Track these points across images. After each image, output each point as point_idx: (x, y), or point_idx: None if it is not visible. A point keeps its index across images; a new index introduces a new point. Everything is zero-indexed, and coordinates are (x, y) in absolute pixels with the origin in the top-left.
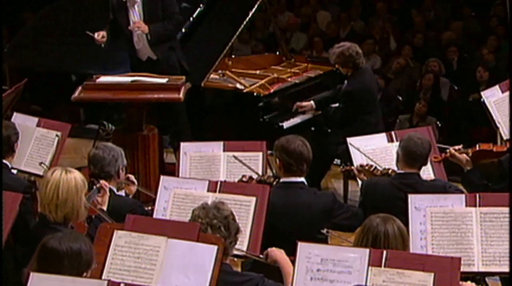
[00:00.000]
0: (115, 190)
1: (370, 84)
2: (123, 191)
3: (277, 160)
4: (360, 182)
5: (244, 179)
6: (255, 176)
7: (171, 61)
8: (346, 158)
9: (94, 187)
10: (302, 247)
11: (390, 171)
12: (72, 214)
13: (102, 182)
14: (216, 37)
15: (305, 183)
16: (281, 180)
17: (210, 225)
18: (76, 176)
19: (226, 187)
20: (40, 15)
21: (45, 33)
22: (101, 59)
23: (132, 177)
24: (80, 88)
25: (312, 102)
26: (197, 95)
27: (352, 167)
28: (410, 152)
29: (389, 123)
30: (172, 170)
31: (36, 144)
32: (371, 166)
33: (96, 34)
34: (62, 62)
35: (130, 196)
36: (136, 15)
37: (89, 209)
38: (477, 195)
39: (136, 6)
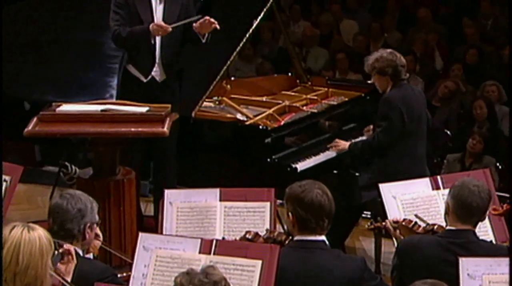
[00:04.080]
0: (80, 252)
1: (410, 100)
2: (91, 254)
3: (290, 214)
4: (396, 241)
5: (248, 236)
6: (261, 232)
7: (173, 86)
8: (378, 209)
9: (56, 252)
10: None
11: (435, 227)
12: (35, 284)
13: (67, 246)
14: (211, 54)
15: (326, 242)
16: (295, 238)
17: None
18: (41, 235)
19: (224, 247)
20: None
21: None
22: (62, 82)
23: (96, 229)
24: (35, 119)
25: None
26: (186, 129)
27: (385, 223)
28: (463, 203)
29: (434, 164)
30: (153, 225)
31: None
32: (410, 221)
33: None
34: (11, 86)
35: (94, 254)
36: (159, 11)
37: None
38: None
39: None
